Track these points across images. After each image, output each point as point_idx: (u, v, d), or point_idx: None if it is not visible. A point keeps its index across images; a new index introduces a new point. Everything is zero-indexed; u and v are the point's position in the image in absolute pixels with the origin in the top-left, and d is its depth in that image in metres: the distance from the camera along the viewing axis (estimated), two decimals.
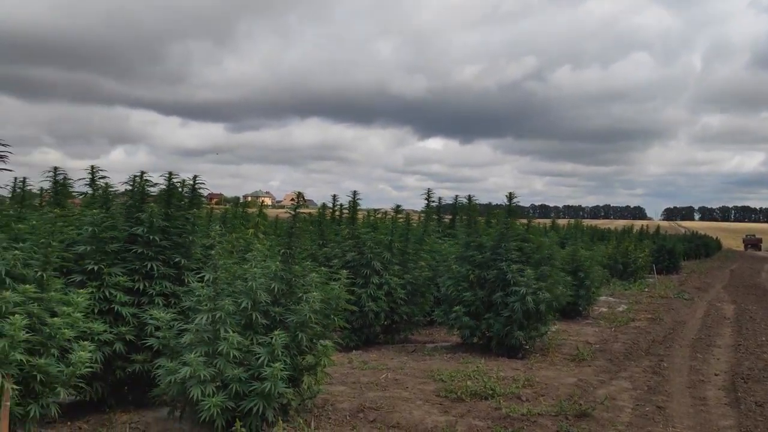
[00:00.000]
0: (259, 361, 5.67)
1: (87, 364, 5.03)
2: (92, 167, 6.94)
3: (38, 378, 4.79)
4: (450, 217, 15.49)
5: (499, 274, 10.14)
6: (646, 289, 22.33)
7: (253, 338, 5.94)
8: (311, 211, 14.42)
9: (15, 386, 4.52)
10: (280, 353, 5.73)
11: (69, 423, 6.21)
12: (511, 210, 10.60)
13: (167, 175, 6.80)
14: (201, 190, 7.09)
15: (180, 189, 6.92)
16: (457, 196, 15.27)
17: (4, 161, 5.31)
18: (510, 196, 10.56)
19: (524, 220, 11.09)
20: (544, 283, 10.04)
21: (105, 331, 5.97)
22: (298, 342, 6.06)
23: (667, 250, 32.83)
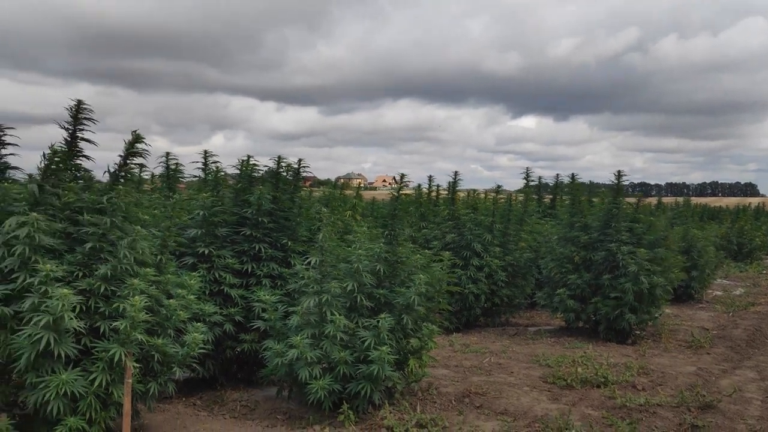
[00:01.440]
0: (365, 344, 5.62)
1: (201, 346, 5.15)
2: (205, 152, 7.09)
3: (156, 357, 4.95)
4: (550, 196, 14.91)
5: (607, 255, 9.62)
6: (765, 271, 20.70)
7: (358, 321, 5.91)
8: (408, 192, 14.30)
9: (136, 364, 4.68)
10: (386, 336, 5.66)
11: (184, 399, 6.45)
12: (620, 188, 10.00)
13: (276, 159, 6.86)
14: (305, 173, 7.11)
15: (285, 172, 6.97)
16: (558, 174, 14.66)
17: (143, 156, 5.43)
18: (618, 174, 9.96)
19: (633, 199, 10.44)
20: (658, 267, 9.43)
21: (215, 312, 6.13)
22: (404, 325, 5.97)
23: None
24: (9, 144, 5.78)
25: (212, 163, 7.08)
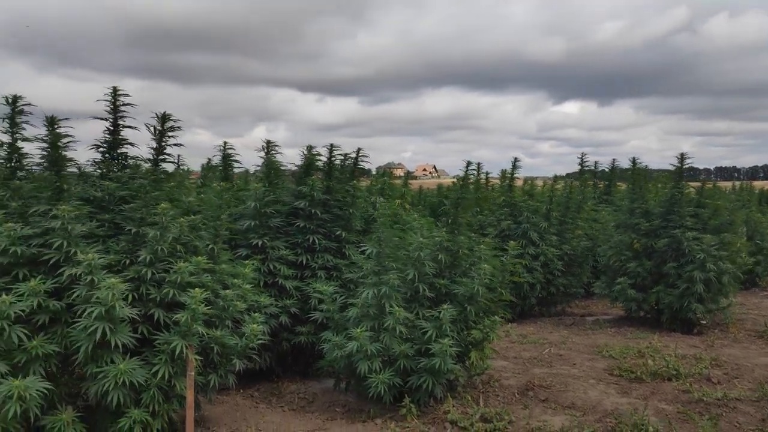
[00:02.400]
0: (427, 336, 5.44)
1: (259, 337, 5.05)
2: (268, 142, 6.96)
3: (215, 349, 4.87)
4: (605, 182, 14.42)
5: (671, 242, 9.19)
6: None
7: (419, 312, 5.72)
8: (451, 180, 14.05)
9: (197, 357, 4.61)
10: (448, 328, 5.46)
11: (241, 390, 6.39)
12: (682, 172, 9.53)
13: (329, 147, 6.70)
14: (363, 163, 6.94)
15: (341, 162, 6.80)
16: (614, 159, 14.18)
17: (176, 137, 5.42)
18: (681, 157, 9.49)
19: (697, 183, 9.96)
20: (725, 253, 8.96)
21: (271, 304, 6.03)
22: (466, 316, 5.76)
23: None
24: (66, 135, 5.75)
25: (275, 153, 6.93)
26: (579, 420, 5.39)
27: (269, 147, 6.81)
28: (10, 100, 4.94)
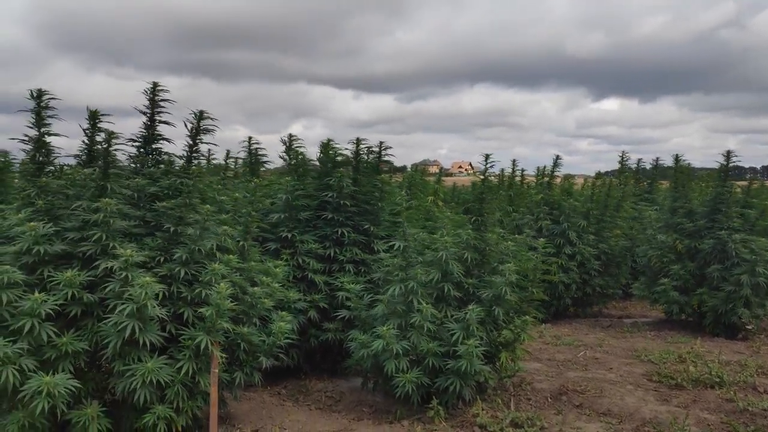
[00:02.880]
0: (454, 337, 5.29)
1: (286, 335, 4.98)
2: (290, 135, 6.92)
3: (242, 346, 4.82)
4: (648, 180, 13.98)
5: (716, 244, 8.82)
6: None
7: (446, 312, 5.59)
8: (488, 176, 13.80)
9: (222, 354, 4.56)
10: (475, 329, 5.30)
11: (268, 388, 6.35)
12: (728, 171, 9.15)
13: (355, 141, 6.61)
14: (387, 157, 6.82)
15: (366, 156, 6.71)
16: (657, 157, 13.75)
17: (212, 134, 5.39)
18: (727, 155, 9.11)
19: (743, 182, 9.56)
20: None
21: (300, 299, 5.96)
22: (494, 317, 5.60)
23: None
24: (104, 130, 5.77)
25: (296, 146, 6.90)
26: (615, 428, 5.18)
27: (291, 141, 6.75)
28: (34, 95, 4.94)
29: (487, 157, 6.15)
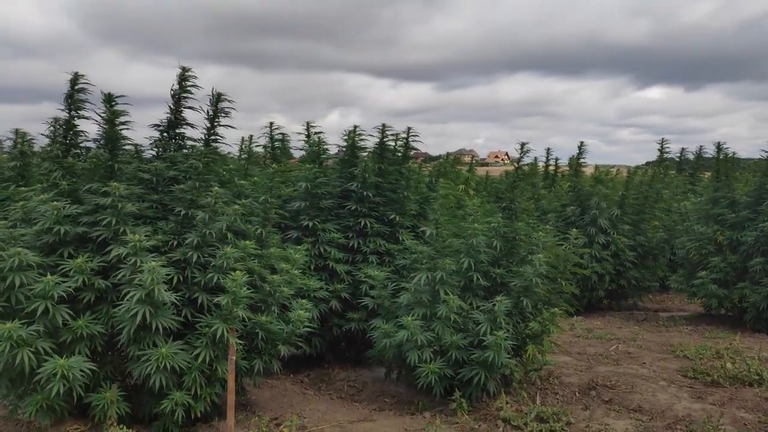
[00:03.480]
0: (481, 329, 5.13)
1: (305, 324, 4.89)
2: (308, 123, 6.82)
3: (260, 335, 4.76)
4: (690, 171, 13.51)
5: (759, 236, 8.42)
6: None
7: (473, 302, 5.44)
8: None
9: (239, 341, 4.51)
10: (502, 320, 5.14)
11: (291, 376, 6.31)
12: None
13: (380, 128, 6.46)
14: (415, 143, 6.65)
15: (393, 143, 6.55)
16: (701, 146, 13.26)
17: (229, 116, 5.33)
18: None
19: None
20: None
21: (321, 288, 5.89)
22: (522, 308, 5.42)
23: None
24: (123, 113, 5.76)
25: (315, 134, 6.78)
26: (645, 425, 4.97)
27: (309, 128, 6.63)
28: (71, 77, 4.94)
29: (522, 145, 5.95)
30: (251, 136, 8.53)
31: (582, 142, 10.40)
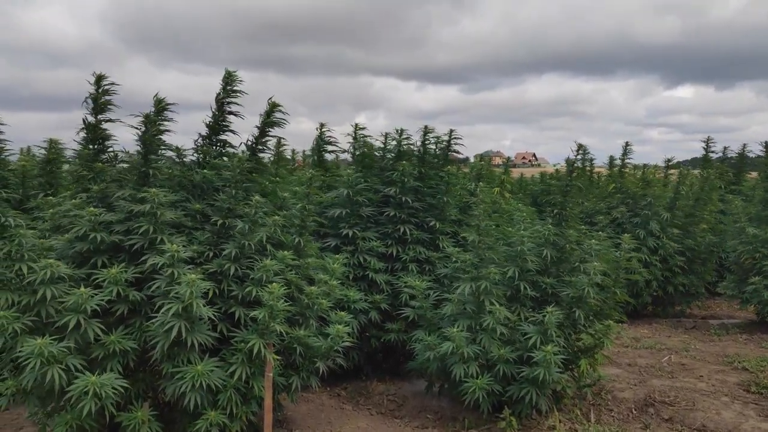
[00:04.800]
0: (530, 342, 4.82)
1: (344, 339, 4.62)
2: (356, 125, 6.53)
3: (298, 350, 4.50)
4: (733, 171, 12.94)
5: None
6: None
7: (520, 312, 5.12)
8: (553, 168, 13.16)
9: (276, 356, 4.26)
10: (553, 333, 4.81)
11: (328, 389, 6.06)
12: None
13: (422, 130, 6.16)
14: (457, 146, 6.34)
15: (434, 147, 6.24)
16: (744, 144, 12.70)
17: (281, 127, 5.10)
18: None
19: None
20: None
21: (360, 299, 5.63)
22: (574, 320, 5.09)
23: None
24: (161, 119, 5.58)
25: (362, 137, 6.48)
26: None
27: (357, 130, 6.35)
28: (95, 78, 4.76)
29: (579, 147, 5.61)
30: (279, 139, 8.21)
31: (627, 142, 9.99)
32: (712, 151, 12.23)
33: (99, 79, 4.78)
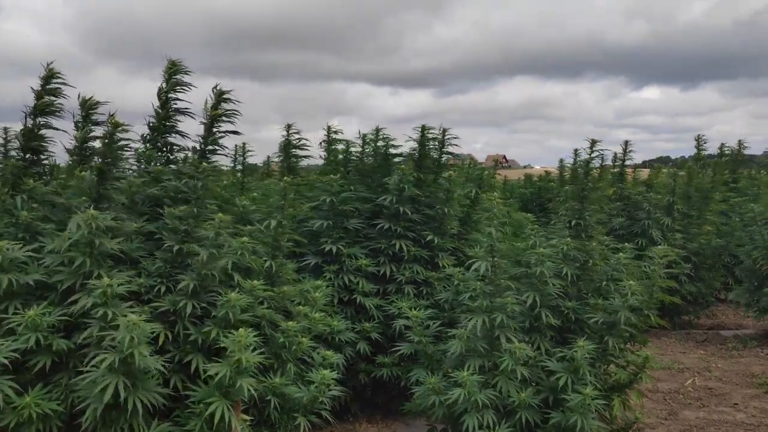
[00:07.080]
0: (559, 382, 3.95)
1: (331, 387, 3.71)
2: (329, 126, 5.64)
3: (273, 403, 3.59)
4: (727, 170, 12.30)
5: None
6: None
7: (540, 345, 4.26)
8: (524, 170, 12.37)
9: (246, 417, 3.35)
10: (587, 373, 3.96)
11: None
12: None
13: (419, 129, 5.24)
14: (452, 147, 5.44)
15: (437, 150, 5.33)
16: (740, 141, 12.04)
17: (232, 121, 4.25)
18: None
19: None
20: None
21: (347, 329, 4.73)
22: (605, 350, 4.25)
23: None
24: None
25: (337, 140, 5.59)
26: None
27: (330, 133, 5.45)
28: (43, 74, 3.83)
29: (593, 143, 4.78)
30: (244, 144, 7.24)
31: (627, 142, 9.21)
32: (703, 149, 11.53)
33: (48, 76, 3.88)
